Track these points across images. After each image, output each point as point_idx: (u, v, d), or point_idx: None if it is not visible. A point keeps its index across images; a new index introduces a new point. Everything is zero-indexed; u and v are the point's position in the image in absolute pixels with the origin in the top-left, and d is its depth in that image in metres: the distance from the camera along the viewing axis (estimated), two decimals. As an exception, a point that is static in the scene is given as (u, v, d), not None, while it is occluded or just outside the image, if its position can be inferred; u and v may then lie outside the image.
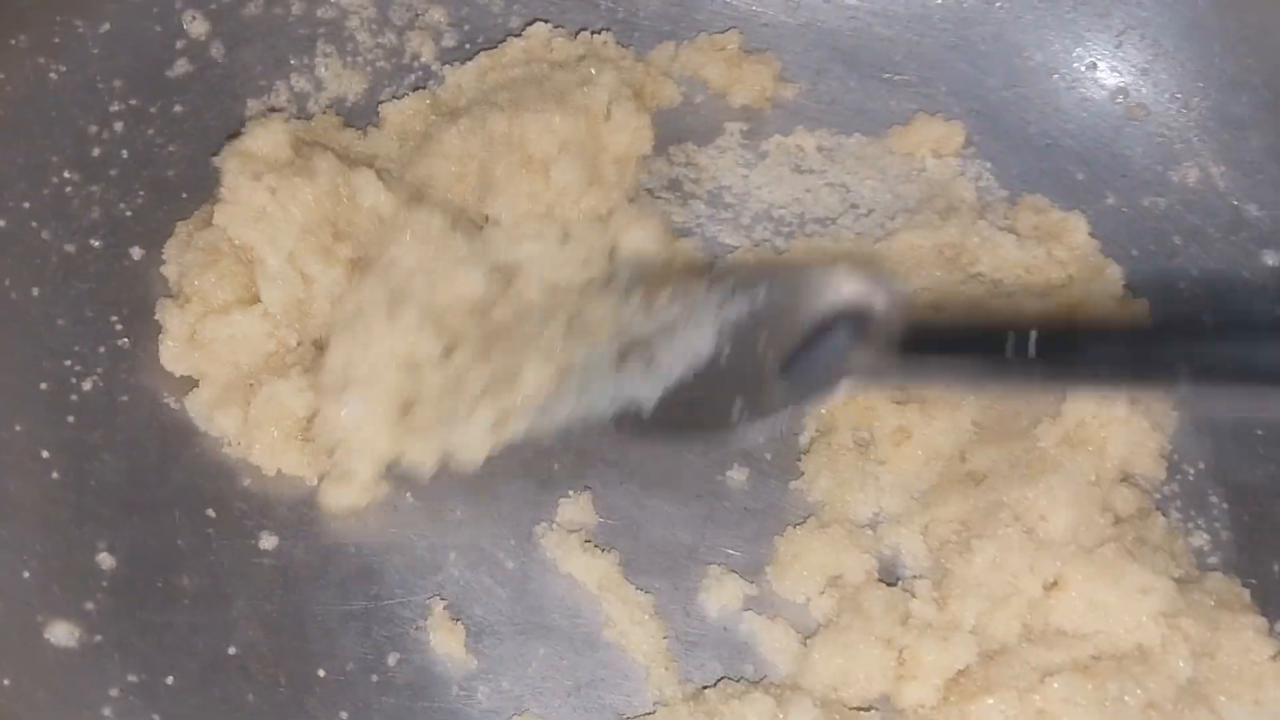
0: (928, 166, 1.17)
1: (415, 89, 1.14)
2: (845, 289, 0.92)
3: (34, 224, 0.96)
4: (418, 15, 1.15)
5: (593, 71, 1.10)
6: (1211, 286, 1.11)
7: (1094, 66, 1.21)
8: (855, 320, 0.91)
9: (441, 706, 0.88)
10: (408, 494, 0.96)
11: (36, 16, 1.01)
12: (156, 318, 0.97)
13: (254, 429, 0.94)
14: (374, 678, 0.89)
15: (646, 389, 0.93)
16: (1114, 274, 1.09)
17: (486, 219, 1.04)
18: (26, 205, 0.95)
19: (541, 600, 0.93)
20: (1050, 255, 1.08)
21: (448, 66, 1.14)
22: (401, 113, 1.10)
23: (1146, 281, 1.10)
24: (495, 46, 1.14)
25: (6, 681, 0.78)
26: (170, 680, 0.86)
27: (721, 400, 0.91)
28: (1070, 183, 1.17)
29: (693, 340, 0.93)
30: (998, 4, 1.21)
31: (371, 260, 0.98)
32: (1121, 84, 1.20)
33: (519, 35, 1.14)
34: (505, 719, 0.89)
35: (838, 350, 0.90)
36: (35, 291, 0.95)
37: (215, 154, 1.02)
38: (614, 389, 0.94)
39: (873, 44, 1.21)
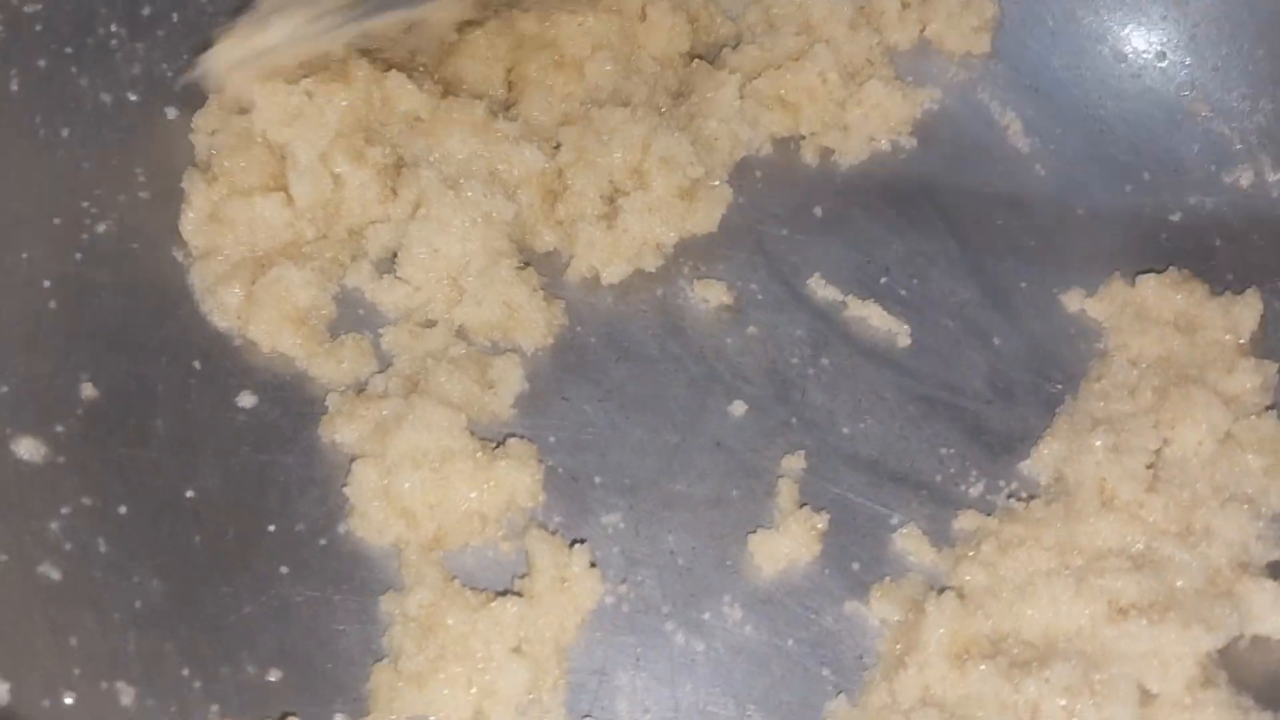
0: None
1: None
2: None
3: (73, 69, 0.99)
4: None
5: None
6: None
7: (1163, 56, 1.18)
8: None
9: (378, 579, 0.90)
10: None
11: None
12: (182, 185, 1.00)
13: (254, 307, 0.97)
14: (321, 541, 0.91)
15: None
16: None
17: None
18: (69, 50, 0.99)
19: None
20: None
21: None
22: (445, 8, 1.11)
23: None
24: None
25: (-38, 479, 0.82)
26: (123, 510, 0.89)
27: None
28: (1117, 170, 1.14)
29: None
30: (1073, -20, 1.19)
31: (419, 156, 1.01)
32: (1190, 78, 1.17)
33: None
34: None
35: None
36: (65, 132, 0.98)
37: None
38: None
39: (942, 9, 1.20)
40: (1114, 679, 0.86)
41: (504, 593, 0.89)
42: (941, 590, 0.91)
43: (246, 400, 0.96)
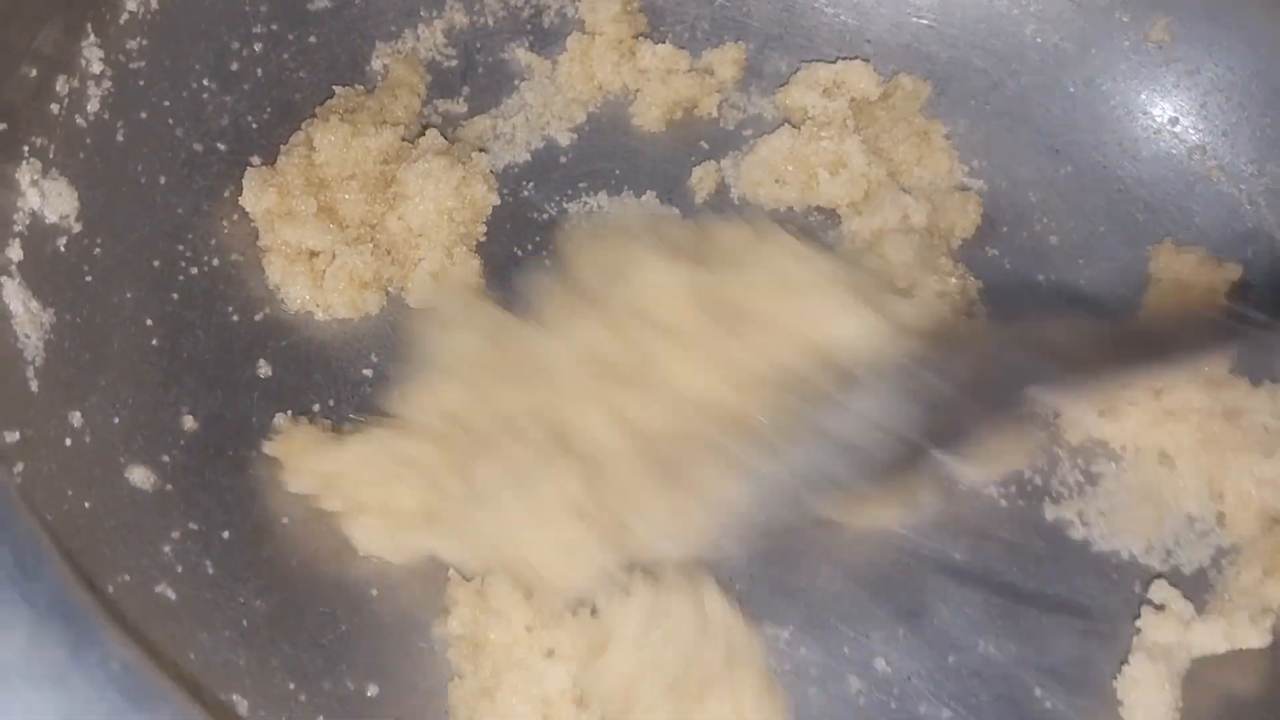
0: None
1: (532, 55, 1.22)
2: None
3: (170, 120, 1.06)
4: (546, -17, 1.24)
5: None
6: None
7: (1176, 121, 1.25)
8: None
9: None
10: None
11: (202, -61, 1.12)
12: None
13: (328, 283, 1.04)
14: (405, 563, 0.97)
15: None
16: None
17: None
18: (166, 103, 1.06)
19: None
20: None
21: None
22: None
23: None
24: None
25: (87, 505, 0.88)
26: (226, 534, 0.95)
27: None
28: (1134, 228, 1.22)
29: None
30: (1092, 50, 1.27)
31: None
32: (1201, 142, 1.25)
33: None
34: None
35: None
36: (162, 180, 1.05)
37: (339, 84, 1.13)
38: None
39: (968, 75, 1.27)
40: None
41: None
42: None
43: (331, 433, 1.02)
